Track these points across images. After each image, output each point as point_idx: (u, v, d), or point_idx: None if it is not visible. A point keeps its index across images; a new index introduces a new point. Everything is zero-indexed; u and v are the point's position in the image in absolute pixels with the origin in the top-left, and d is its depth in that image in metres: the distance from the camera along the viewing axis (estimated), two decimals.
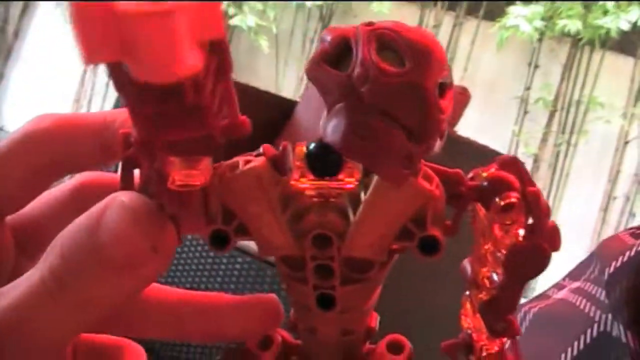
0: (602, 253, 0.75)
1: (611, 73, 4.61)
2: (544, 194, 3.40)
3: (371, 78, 0.33)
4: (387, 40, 0.33)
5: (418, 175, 0.34)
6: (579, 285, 0.75)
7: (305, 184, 0.36)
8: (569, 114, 4.64)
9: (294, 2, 4.85)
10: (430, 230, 0.35)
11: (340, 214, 0.35)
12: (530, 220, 0.35)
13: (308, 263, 0.36)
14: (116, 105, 2.28)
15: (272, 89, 4.90)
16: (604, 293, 0.71)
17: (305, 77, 4.34)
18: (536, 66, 4.70)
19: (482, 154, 2.20)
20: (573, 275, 0.78)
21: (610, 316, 0.69)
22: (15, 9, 6.09)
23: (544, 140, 4.64)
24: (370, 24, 0.34)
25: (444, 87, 0.35)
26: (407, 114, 0.33)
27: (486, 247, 0.37)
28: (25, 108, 5.88)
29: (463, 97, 2.38)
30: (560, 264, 0.87)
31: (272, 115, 2.68)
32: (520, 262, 0.35)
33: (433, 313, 2.12)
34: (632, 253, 0.70)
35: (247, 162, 0.35)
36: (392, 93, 0.32)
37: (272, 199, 0.35)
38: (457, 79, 4.75)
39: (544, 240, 0.35)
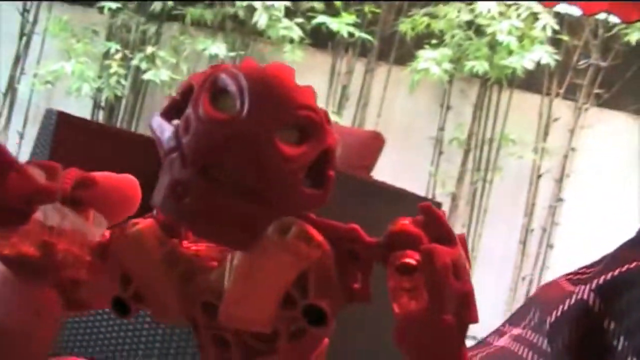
0: (541, 300, 0.75)
1: (520, 110, 4.75)
2: (463, 231, 3.41)
3: (192, 129, 0.29)
4: (221, 84, 0.30)
5: (288, 237, 0.30)
6: (520, 332, 0.74)
7: (199, 246, 0.33)
8: (483, 152, 4.75)
9: (207, 53, 4.84)
10: (313, 299, 0.31)
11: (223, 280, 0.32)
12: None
13: (202, 332, 0.32)
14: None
15: None
16: (545, 341, 0.70)
17: None
18: (448, 107, 4.81)
19: (399, 198, 2.22)
20: (513, 321, 0.78)
21: None
22: None
23: (460, 178, 4.73)
24: (216, 66, 0.31)
25: (307, 129, 0.31)
26: (236, 169, 0.29)
27: None
28: None
29: (377, 142, 2.40)
30: (488, 300, 0.88)
31: None
32: (416, 336, 0.29)
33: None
34: (572, 301, 0.69)
35: (136, 223, 0.33)
36: (215, 145, 0.28)
37: (156, 260, 0.32)
38: (372, 123, 4.81)
39: (445, 310, 0.28)
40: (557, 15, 4.52)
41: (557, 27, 4.48)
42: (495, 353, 0.75)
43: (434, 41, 4.62)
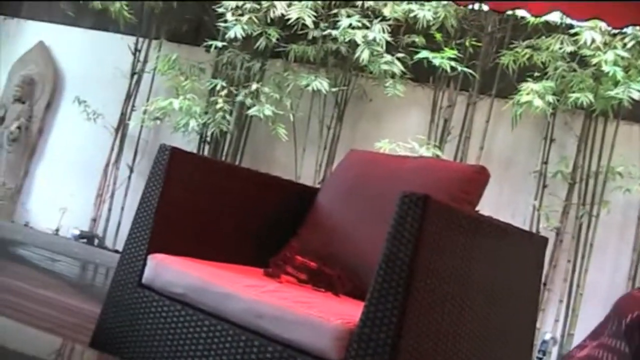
0: (618, 309, 0.82)
1: (626, 142, 4.64)
2: (569, 266, 3.35)
3: None
4: None
5: None
6: (600, 341, 0.82)
7: None
8: (588, 185, 4.65)
9: (310, 89, 4.94)
10: None
11: None
12: None
13: None
14: (144, 198, 2.33)
15: (291, 176, 4.96)
16: (623, 343, 0.77)
17: (323, 163, 4.34)
18: (552, 140, 4.74)
19: (505, 233, 2.21)
20: (593, 335, 0.86)
21: None
22: (39, 106, 6.26)
23: (565, 212, 4.64)
24: None
25: None
26: None
27: None
28: (50, 204, 5.97)
29: (482, 177, 2.39)
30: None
31: (294, 203, 2.71)
32: None
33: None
34: None
35: None
36: None
37: None
38: (474, 157, 4.79)
39: None
40: None
41: None
42: None
43: (536, 73, 4.58)
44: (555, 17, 4.54)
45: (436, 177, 2.39)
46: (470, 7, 4.67)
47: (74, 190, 5.99)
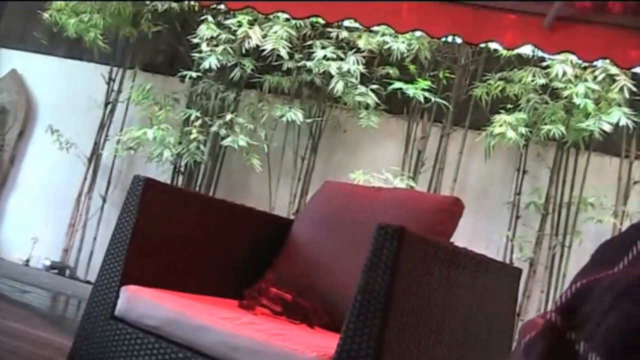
0: (520, 333, 0.97)
1: (598, 173, 4.69)
2: (543, 296, 3.36)
3: None
4: None
5: None
6: None
7: None
8: (561, 216, 4.69)
9: (284, 120, 4.95)
10: None
11: None
12: None
13: None
14: (117, 229, 2.31)
15: (266, 207, 4.95)
16: None
17: (298, 194, 4.35)
18: (524, 171, 4.79)
19: (480, 264, 2.22)
20: None
21: None
22: (11, 135, 6.20)
23: (538, 243, 4.67)
24: None
25: None
26: None
27: None
28: (21, 235, 5.89)
29: (456, 208, 2.40)
30: None
31: (269, 234, 2.70)
32: None
33: None
34: (540, 328, 0.92)
35: None
36: None
37: None
38: (447, 188, 4.81)
39: None
40: (635, 76, 4.48)
41: (634, 89, 4.44)
42: None
43: (509, 105, 4.63)
44: (527, 49, 4.60)
45: (411, 208, 2.39)
46: (443, 39, 4.72)
47: (46, 220, 5.92)
